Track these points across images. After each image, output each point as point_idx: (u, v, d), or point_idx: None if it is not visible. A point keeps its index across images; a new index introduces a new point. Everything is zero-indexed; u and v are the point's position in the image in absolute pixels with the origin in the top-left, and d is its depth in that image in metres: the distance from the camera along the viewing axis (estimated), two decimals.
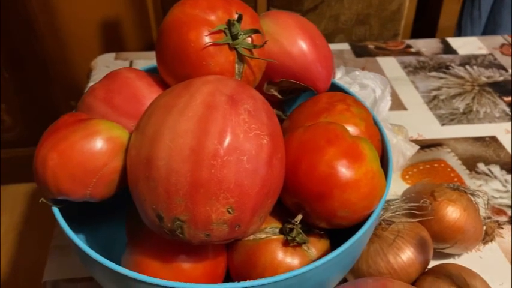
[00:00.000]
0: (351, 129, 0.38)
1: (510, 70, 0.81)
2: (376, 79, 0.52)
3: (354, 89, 0.51)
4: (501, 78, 0.80)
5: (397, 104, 0.73)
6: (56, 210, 0.34)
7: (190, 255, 0.34)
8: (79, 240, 0.32)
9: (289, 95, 0.47)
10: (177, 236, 0.30)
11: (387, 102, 0.51)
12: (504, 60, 0.85)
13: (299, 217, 0.35)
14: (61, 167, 0.31)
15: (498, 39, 0.91)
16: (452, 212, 0.45)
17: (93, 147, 0.31)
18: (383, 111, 0.51)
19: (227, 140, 0.29)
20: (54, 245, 0.51)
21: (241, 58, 0.36)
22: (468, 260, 0.49)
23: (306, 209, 0.35)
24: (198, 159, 0.28)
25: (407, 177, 0.61)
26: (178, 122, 0.29)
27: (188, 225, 0.29)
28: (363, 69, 0.76)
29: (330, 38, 0.96)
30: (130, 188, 0.32)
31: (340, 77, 0.53)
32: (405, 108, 0.73)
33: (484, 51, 0.87)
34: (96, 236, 0.44)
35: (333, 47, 0.90)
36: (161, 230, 0.31)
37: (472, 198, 0.48)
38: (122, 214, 0.43)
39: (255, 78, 0.38)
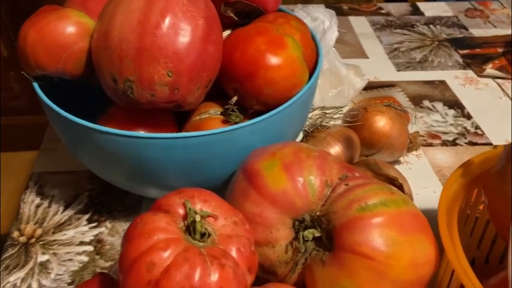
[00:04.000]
0: None
1: (470, 29, 0.88)
2: (325, 13, 0.59)
3: (307, 21, 0.59)
4: (460, 36, 0.86)
5: (360, 54, 0.81)
6: (35, 84, 0.42)
7: (146, 129, 0.42)
8: (51, 102, 0.40)
9: (245, 19, 0.54)
10: (128, 96, 0.38)
11: (334, 31, 0.58)
12: (467, 21, 0.91)
13: (234, 98, 0.42)
14: (38, 42, 0.39)
15: (464, 4, 0.98)
16: (379, 120, 0.52)
17: (64, 26, 0.39)
18: (330, 40, 0.58)
19: (167, 16, 0.36)
20: (43, 148, 0.59)
21: None
22: (399, 169, 0.56)
23: (241, 92, 0.42)
24: (143, 28, 0.36)
25: None
26: (130, 3, 0.37)
27: (136, 85, 0.37)
28: None
29: (308, 0, 1.03)
30: (94, 61, 0.39)
31: (296, 11, 0.60)
32: (367, 57, 0.80)
33: (450, 14, 0.94)
34: None
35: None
36: (117, 93, 0.38)
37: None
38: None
39: None
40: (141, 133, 0.38)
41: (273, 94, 0.41)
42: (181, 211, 0.30)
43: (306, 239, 0.33)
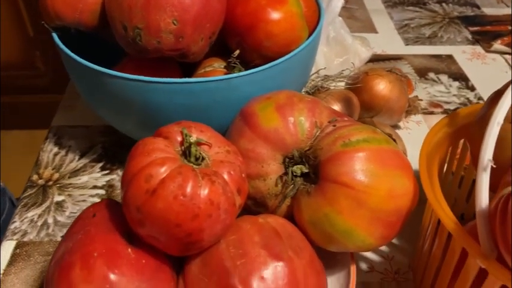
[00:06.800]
0: None
1: (482, 8, 0.88)
2: None
3: None
4: (472, 14, 0.87)
5: (369, 29, 0.82)
6: (54, 35, 0.46)
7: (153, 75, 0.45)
8: (69, 50, 0.44)
9: None
10: (137, 44, 0.41)
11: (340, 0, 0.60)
12: (480, 0, 0.92)
13: (237, 52, 0.45)
14: None
15: None
16: (379, 83, 0.54)
17: None
18: (336, 7, 0.60)
19: None
20: (62, 105, 0.63)
21: None
22: (398, 133, 0.58)
23: (243, 45, 0.45)
24: None
25: None
26: None
27: (144, 32, 0.40)
28: (346, 1, 0.85)
29: None
30: (107, 12, 0.43)
31: None
32: (376, 32, 0.81)
33: None
34: None
35: None
36: (127, 41, 0.42)
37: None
38: None
39: None
40: (147, 77, 0.41)
41: (272, 47, 0.44)
42: (179, 138, 0.33)
43: (294, 174, 0.36)
